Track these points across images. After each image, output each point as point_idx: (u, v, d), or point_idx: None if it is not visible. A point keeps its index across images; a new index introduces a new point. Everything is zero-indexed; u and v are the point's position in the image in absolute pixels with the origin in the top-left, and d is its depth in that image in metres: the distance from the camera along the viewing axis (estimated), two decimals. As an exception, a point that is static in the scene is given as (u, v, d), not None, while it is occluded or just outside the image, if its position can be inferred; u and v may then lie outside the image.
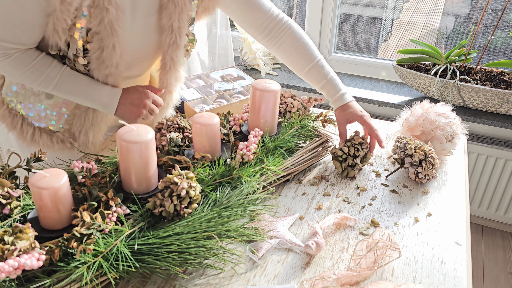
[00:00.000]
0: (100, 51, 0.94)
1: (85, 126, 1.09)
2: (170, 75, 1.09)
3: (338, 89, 1.14)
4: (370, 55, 2.44)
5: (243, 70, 2.21)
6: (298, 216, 0.96)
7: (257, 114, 1.06)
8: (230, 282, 0.80)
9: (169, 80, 1.10)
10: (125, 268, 0.73)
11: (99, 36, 0.92)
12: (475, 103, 1.87)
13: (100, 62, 0.96)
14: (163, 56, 1.06)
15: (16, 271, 0.66)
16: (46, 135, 1.11)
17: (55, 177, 0.74)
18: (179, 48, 1.06)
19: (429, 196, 1.05)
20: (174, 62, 1.07)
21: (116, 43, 0.93)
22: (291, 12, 2.61)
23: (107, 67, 0.96)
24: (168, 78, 1.09)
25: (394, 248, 0.82)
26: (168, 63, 1.06)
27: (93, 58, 0.95)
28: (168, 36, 1.02)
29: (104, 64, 0.96)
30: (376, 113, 2.11)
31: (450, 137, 1.14)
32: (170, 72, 1.09)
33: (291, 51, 1.16)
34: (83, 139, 1.10)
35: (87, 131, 1.09)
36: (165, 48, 1.04)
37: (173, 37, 1.03)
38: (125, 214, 0.82)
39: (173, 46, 1.04)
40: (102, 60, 0.95)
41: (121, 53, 0.96)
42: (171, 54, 1.05)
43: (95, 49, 0.94)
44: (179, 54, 1.08)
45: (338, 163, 1.09)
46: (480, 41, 2.13)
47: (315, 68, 1.15)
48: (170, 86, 1.12)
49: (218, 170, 0.92)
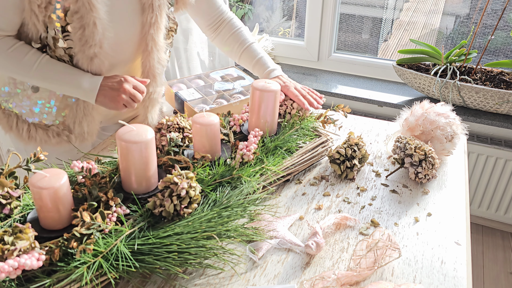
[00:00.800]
0: (81, 31, 0.94)
1: (78, 117, 1.08)
2: (153, 57, 1.10)
3: (267, 66, 1.24)
4: (370, 55, 2.44)
5: (243, 70, 2.20)
6: (298, 216, 0.96)
7: (257, 114, 1.06)
8: (230, 282, 0.80)
9: (151, 62, 1.10)
10: (125, 268, 0.73)
11: (78, 14, 0.92)
12: (475, 103, 1.87)
13: (83, 42, 0.95)
14: (144, 36, 1.07)
15: (16, 271, 0.66)
16: (42, 130, 1.11)
17: (55, 177, 0.74)
18: (160, 28, 1.07)
19: (429, 196, 1.05)
20: (156, 43, 1.08)
21: (96, 20, 0.93)
22: (291, 12, 2.61)
23: (90, 47, 0.96)
24: (150, 60, 1.09)
25: (394, 248, 0.82)
26: (150, 43, 1.07)
27: (76, 39, 0.95)
28: (149, 15, 1.04)
29: (87, 44, 0.95)
30: (376, 113, 2.11)
31: (450, 137, 1.14)
32: (152, 54, 1.09)
33: (227, 37, 1.28)
34: (78, 130, 1.10)
35: (81, 121, 1.09)
36: (147, 27, 1.05)
37: (153, 16, 1.04)
38: (125, 214, 0.82)
39: (154, 26, 1.06)
40: (85, 40, 0.95)
41: (103, 31, 0.96)
42: (153, 34, 1.06)
43: (76, 29, 0.93)
44: (160, 35, 1.09)
45: (336, 166, 1.09)
46: (480, 41, 2.13)
47: (247, 50, 1.26)
48: (153, 69, 1.12)
49: (218, 170, 0.92)
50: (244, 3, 2.59)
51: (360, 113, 2.11)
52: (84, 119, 1.09)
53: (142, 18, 1.05)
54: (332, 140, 1.16)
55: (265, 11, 2.62)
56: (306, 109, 1.15)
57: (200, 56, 2.23)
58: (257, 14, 2.62)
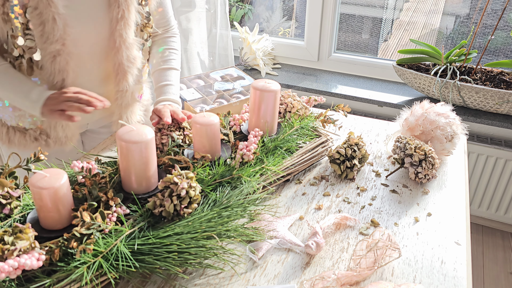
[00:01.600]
0: (42, 27, 0.92)
1: (52, 122, 1.07)
2: (121, 54, 1.06)
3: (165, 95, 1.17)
4: (370, 55, 2.44)
5: (243, 70, 2.21)
6: (298, 216, 0.96)
7: (257, 114, 1.06)
8: (230, 282, 0.80)
9: (120, 60, 1.07)
10: (125, 268, 0.73)
11: (38, 10, 0.91)
12: (475, 103, 1.87)
13: (44, 39, 0.94)
14: (112, 33, 1.03)
15: (16, 271, 0.66)
16: (20, 134, 1.10)
17: (55, 177, 0.74)
18: (128, 25, 1.04)
19: (429, 196, 1.05)
20: (124, 40, 1.04)
21: (55, 15, 0.92)
22: (291, 12, 2.61)
23: (52, 43, 0.94)
24: (119, 57, 1.06)
25: (394, 248, 0.82)
26: (118, 39, 1.04)
27: (37, 36, 0.94)
28: (115, 10, 1.01)
29: (48, 40, 0.94)
30: (376, 113, 2.11)
31: (450, 137, 1.14)
32: (121, 51, 1.05)
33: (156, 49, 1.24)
34: (54, 134, 1.09)
35: (55, 126, 1.07)
36: (114, 24, 1.02)
37: (120, 11, 1.01)
38: (125, 214, 0.82)
39: (122, 21, 1.02)
40: (46, 36, 0.93)
41: (63, 26, 0.94)
42: (120, 30, 1.03)
43: (36, 25, 0.92)
44: (129, 32, 1.05)
45: (336, 166, 1.09)
46: (480, 41, 2.13)
47: (162, 71, 1.21)
48: (123, 67, 1.08)
49: (218, 170, 0.92)
50: (244, 3, 2.59)
51: (360, 113, 2.11)
52: (58, 124, 1.07)
53: (109, 13, 1.02)
54: (332, 140, 1.16)
55: (265, 11, 2.62)
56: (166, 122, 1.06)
57: (200, 56, 2.23)
58: (257, 14, 2.62)
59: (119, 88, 1.11)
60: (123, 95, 1.13)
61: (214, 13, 2.14)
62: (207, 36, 2.21)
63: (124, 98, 1.13)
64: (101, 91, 1.14)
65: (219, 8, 2.13)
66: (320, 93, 2.10)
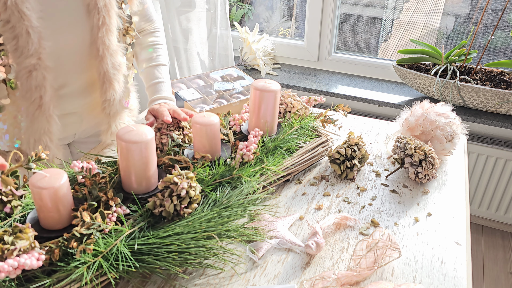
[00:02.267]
0: (15, 41, 0.88)
1: (30, 143, 1.01)
2: (106, 62, 1.02)
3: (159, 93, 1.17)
4: (370, 55, 2.44)
5: (243, 70, 2.21)
6: (298, 216, 0.96)
7: (257, 114, 1.06)
8: (230, 282, 0.80)
9: (105, 68, 1.03)
10: (125, 268, 0.73)
11: (10, 24, 0.86)
12: (475, 103, 1.87)
13: (18, 54, 0.89)
14: (94, 41, 1.00)
15: (16, 270, 0.66)
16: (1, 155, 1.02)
17: (55, 177, 0.74)
18: (110, 31, 1.00)
19: (429, 196, 1.05)
20: (107, 47, 1.01)
21: (29, 28, 0.87)
22: (291, 12, 2.61)
23: (26, 58, 0.90)
24: (103, 65, 1.03)
25: (394, 248, 0.82)
26: (101, 47, 1.00)
27: (11, 51, 0.89)
28: (95, 17, 0.96)
29: (23, 55, 0.89)
30: (376, 113, 2.11)
31: (450, 137, 1.14)
32: (105, 59, 1.02)
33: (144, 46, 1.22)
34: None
35: (34, 147, 1.01)
36: (95, 31, 0.98)
37: (100, 18, 0.97)
38: (125, 214, 0.82)
39: (103, 28, 0.98)
40: (21, 51, 0.89)
41: (38, 39, 0.90)
42: (102, 37, 0.99)
43: (9, 39, 0.88)
44: (112, 38, 1.02)
45: (336, 166, 1.09)
46: (480, 41, 2.13)
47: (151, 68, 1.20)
48: (109, 75, 1.04)
49: (218, 170, 0.92)
50: (244, 3, 2.59)
51: (360, 113, 2.11)
52: (36, 145, 1.01)
53: (88, 21, 0.97)
54: (332, 140, 1.16)
55: (265, 11, 2.62)
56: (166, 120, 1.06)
57: (200, 56, 2.23)
58: (257, 14, 2.62)
59: (106, 98, 1.07)
60: (110, 104, 1.09)
61: (214, 13, 2.14)
62: (207, 36, 2.21)
63: (112, 107, 1.10)
64: (86, 101, 1.11)
65: (219, 8, 2.13)
66: (320, 93, 2.10)
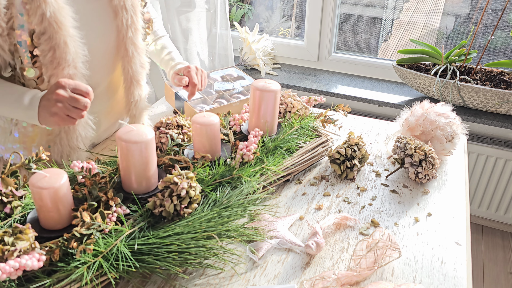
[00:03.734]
0: (52, 52, 0.85)
1: (65, 152, 0.99)
2: (135, 62, 1.02)
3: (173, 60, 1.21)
4: (370, 55, 2.44)
5: (243, 70, 2.20)
6: (298, 216, 0.96)
7: (257, 114, 1.06)
8: (230, 282, 0.80)
9: (134, 68, 1.03)
10: (125, 268, 0.73)
11: (46, 35, 0.83)
12: (475, 103, 1.87)
13: (55, 65, 0.86)
14: (122, 41, 0.98)
15: (17, 271, 0.66)
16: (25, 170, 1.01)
17: (55, 177, 0.74)
18: (138, 30, 1.00)
19: (429, 196, 1.05)
20: (136, 47, 1.01)
21: (67, 38, 0.85)
22: (291, 12, 2.61)
23: (63, 69, 0.87)
24: (132, 65, 1.02)
25: (394, 248, 0.82)
26: (130, 47, 0.99)
27: (47, 63, 0.86)
28: (124, 17, 0.95)
29: (60, 66, 0.86)
30: (376, 113, 2.11)
31: (450, 137, 1.14)
32: (134, 59, 1.02)
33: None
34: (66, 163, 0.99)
35: (68, 155, 1.00)
36: (124, 32, 0.97)
37: (129, 18, 0.96)
38: (125, 214, 0.82)
39: (132, 28, 0.98)
40: (57, 62, 0.86)
41: (75, 49, 0.87)
42: (132, 37, 0.99)
43: (45, 52, 0.84)
44: (139, 37, 1.01)
45: (336, 166, 1.09)
46: (480, 41, 2.13)
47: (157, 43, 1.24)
48: (137, 75, 1.04)
49: (218, 170, 0.92)
50: (244, 3, 2.59)
51: (360, 113, 2.11)
52: (72, 152, 0.99)
53: (116, 21, 0.96)
54: (332, 140, 1.16)
55: (265, 11, 2.62)
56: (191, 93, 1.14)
57: (200, 56, 2.23)
58: (257, 14, 2.62)
59: (134, 98, 1.07)
60: (136, 105, 1.09)
61: (214, 13, 2.14)
62: (207, 36, 2.21)
63: (137, 107, 1.10)
64: (108, 103, 1.11)
65: (219, 8, 2.13)
66: (320, 93, 2.10)
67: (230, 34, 2.20)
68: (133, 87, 1.06)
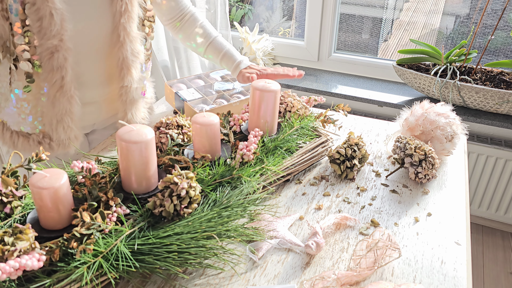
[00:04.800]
0: (39, 23, 0.93)
1: (53, 124, 1.06)
2: (125, 48, 1.06)
3: (235, 58, 1.26)
4: (370, 55, 2.44)
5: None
6: (298, 216, 0.96)
7: (257, 114, 1.06)
8: (230, 282, 0.80)
9: (124, 54, 1.07)
10: (125, 268, 0.73)
11: (35, 6, 0.91)
12: (475, 103, 1.87)
13: (42, 35, 0.94)
14: (115, 27, 1.04)
15: (17, 272, 0.66)
16: (23, 138, 1.10)
17: (55, 177, 0.74)
18: (131, 18, 1.04)
19: (429, 196, 1.05)
20: (128, 34, 1.05)
21: (52, 10, 0.92)
22: (291, 12, 2.61)
23: (49, 39, 0.94)
24: (123, 51, 1.06)
25: (394, 248, 0.82)
26: (122, 33, 1.04)
27: (35, 32, 0.94)
28: (118, 4, 1.01)
29: (46, 36, 0.94)
30: (376, 113, 2.11)
31: (450, 137, 1.14)
32: (125, 45, 1.06)
33: (190, 32, 1.27)
34: (56, 137, 1.08)
35: (56, 128, 1.06)
36: (118, 18, 1.02)
37: (123, 5, 1.01)
38: (125, 214, 0.82)
39: (125, 15, 1.03)
40: (44, 32, 0.94)
41: (61, 22, 0.94)
42: (124, 23, 1.03)
43: (34, 21, 0.93)
44: (133, 25, 1.06)
45: (336, 166, 1.09)
46: (480, 41, 2.13)
47: (212, 44, 1.27)
48: (127, 62, 1.08)
49: (218, 170, 0.92)
50: (244, 3, 2.59)
51: (360, 113, 2.11)
52: (58, 125, 1.06)
53: (111, 7, 1.02)
54: (332, 140, 1.16)
55: (265, 11, 2.62)
56: (293, 76, 1.20)
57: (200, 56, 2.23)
58: (257, 14, 2.62)
59: (124, 84, 1.10)
60: (127, 91, 1.12)
61: (214, 13, 2.14)
62: (207, 36, 2.21)
63: (128, 94, 1.13)
64: (105, 91, 1.14)
65: (219, 8, 2.13)
66: (320, 93, 2.10)
67: (230, 34, 2.20)
68: (123, 73, 1.09)
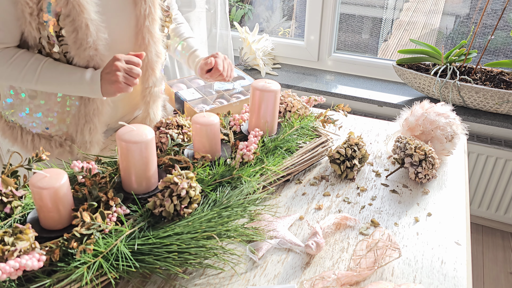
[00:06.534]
0: (75, 34, 0.95)
1: (80, 125, 1.08)
2: (150, 50, 1.10)
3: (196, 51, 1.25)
4: (370, 55, 2.44)
5: (243, 70, 2.21)
6: (298, 216, 0.96)
7: (257, 114, 1.06)
8: (230, 282, 0.80)
9: (149, 56, 1.10)
10: (125, 268, 0.73)
11: (70, 17, 0.93)
12: (475, 103, 1.87)
13: (78, 45, 0.96)
14: (140, 30, 1.07)
15: (17, 272, 0.66)
16: (45, 140, 1.12)
17: (55, 177, 0.74)
18: (155, 20, 1.08)
19: (429, 196, 1.05)
20: (152, 36, 1.09)
21: (88, 21, 0.94)
22: (291, 12, 2.61)
23: (85, 49, 0.97)
24: (148, 53, 1.10)
25: (394, 248, 0.82)
26: (146, 36, 1.07)
27: (70, 43, 0.96)
28: (142, 7, 1.04)
29: (82, 47, 0.96)
30: (376, 113, 2.11)
31: (450, 137, 1.14)
32: (150, 47, 1.09)
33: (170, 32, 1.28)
34: (80, 139, 1.10)
35: (82, 129, 1.09)
36: (142, 21, 1.06)
37: (147, 8, 1.05)
38: (125, 214, 0.82)
39: (149, 17, 1.06)
40: (80, 43, 0.96)
41: (96, 32, 0.97)
42: (149, 26, 1.07)
43: (69, 33, 0.95)
44: (156, 27, 1.09)
45: (336, 166, 1.09)
46: (480, 41, 2.13)
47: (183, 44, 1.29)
48: (152, 63, 1.12)
49: (218, 170, 0.92)
50: (244, 3, 2.59)
51: (360, 113, 2.11)
52: (85, 126, 1.08)
53: (135, 11, 1.05)
54: (332, 140, 1.16)
55: (265, 11, 2.62)
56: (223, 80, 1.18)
57: (200, 56, 2.23)
58: (257, 14, 2.62)
59: (148, 84, 1.14)
60: (150, 91, 1.15)
61: (214, 13, 2.14)
62: (207, 36, 2.21)
63: (151, 94, 1.16)
64: None
65: (219, 8, 2.13)
66: (320, 93, 2.10)
67: (230, 34, 2.20)
68: (147, 74, 1.13)
